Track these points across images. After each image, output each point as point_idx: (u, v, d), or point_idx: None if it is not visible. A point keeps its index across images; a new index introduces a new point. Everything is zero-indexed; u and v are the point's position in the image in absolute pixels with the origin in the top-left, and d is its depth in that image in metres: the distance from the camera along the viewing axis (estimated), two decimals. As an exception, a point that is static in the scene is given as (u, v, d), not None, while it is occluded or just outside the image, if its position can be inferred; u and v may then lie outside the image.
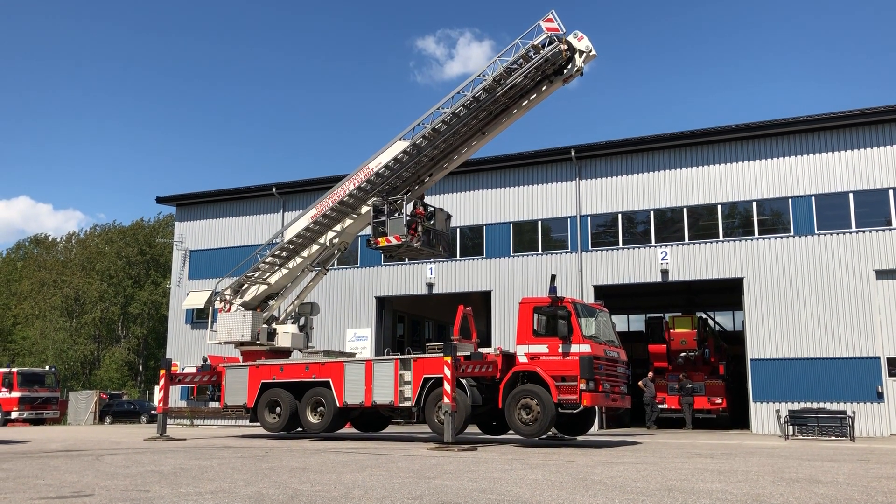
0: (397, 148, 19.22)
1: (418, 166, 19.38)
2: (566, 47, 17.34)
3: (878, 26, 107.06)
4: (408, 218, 18.71)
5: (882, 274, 24.71)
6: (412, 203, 19.14)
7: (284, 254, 21.04)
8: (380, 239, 18.86)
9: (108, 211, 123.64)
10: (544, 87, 18.18)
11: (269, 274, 21.23)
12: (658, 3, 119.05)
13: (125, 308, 66.37)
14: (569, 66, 17.62)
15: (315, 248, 20.88)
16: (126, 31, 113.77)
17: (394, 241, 18.68)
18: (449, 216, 20.85)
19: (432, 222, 19.64)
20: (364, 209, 20.07)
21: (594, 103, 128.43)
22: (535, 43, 17.42)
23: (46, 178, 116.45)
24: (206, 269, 34.57)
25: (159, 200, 37.81)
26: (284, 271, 21.15)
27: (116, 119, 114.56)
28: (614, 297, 30.18)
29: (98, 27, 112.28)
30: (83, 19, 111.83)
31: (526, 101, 18.44)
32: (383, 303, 32.48)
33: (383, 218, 18.89)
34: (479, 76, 18.14)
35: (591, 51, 17.47)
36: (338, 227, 20.64)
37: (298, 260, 21.06)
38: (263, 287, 21.21)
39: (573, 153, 29.01)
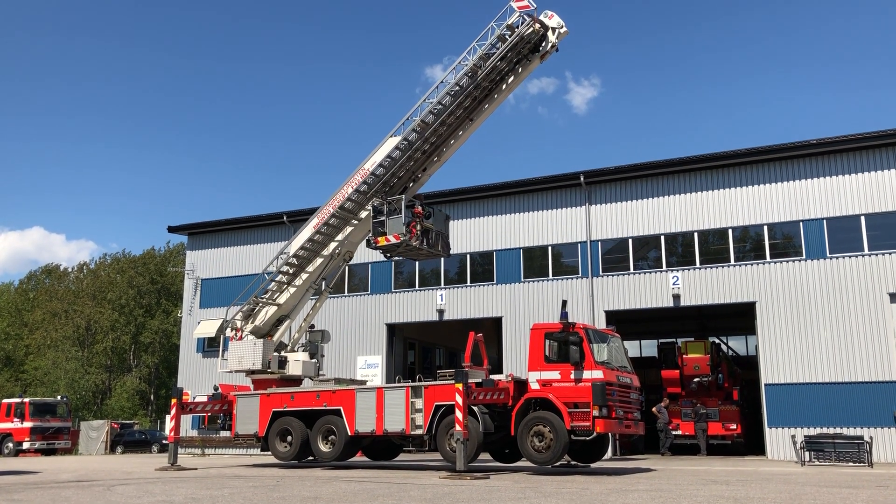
0: (390, 144, 19.63)
1: (412, 161, 19.70)
2: (539, 25, 17.92)
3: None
4: (406, 218, 18.94)
5: (896, 297, 24.50)
6: (411, 203, 19.36)
7: (291, 270, 21.15)
8: (379, 238, 19.17)
9: (121, 240, 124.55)
10: (521, 69, 18.72)
11: (278, 294, 21.31)
12: (664, 23, 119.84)
13: (136, 337, 66.49)
14: (543, 44, 18.19)
15: (319, 261, 21.03)
16: (139, 57, 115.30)
17: (393, 240, 18.96)
18: (447, 217, 21.13)
19: (431, 221, 19.79)
20: (364, 214, 20.30)
21: (602, 126, 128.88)
22: (509, 23, 17.98)
23: (59, 209, 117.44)
24: (218, 297, 34.63)
25: (171, 229, 38.06)
26: (292, 290, 21.24)
27: (129, 147, 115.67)
28: (626, 323, 30.04)
29: (110, 54, 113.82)
30: (94, 47, 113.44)
31: (505, 85, 18.94)
32: (394, 330, 32.43)
33: (383, 218, 19.17)
34: (459, 63, 18.65)
35: (562, 27, 18.06)
36: (340, 237, 20.83)
37: (304, 276, 21.17)
38: (273, 308, 21.25)
39: (582, 178, 29.06)
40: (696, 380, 29.15)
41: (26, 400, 37.45)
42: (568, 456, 17.09)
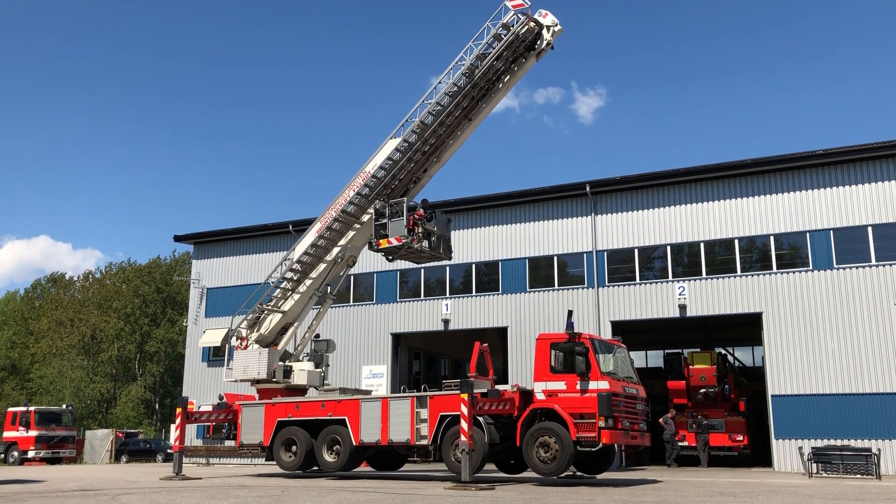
0: (390, 146, 19.85)
1: (412, 163, 19.88)
2: (533, 23, 18.22)
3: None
4: (408, 220, 19.10)
5: (904, 308, 24.36)
6: (413, 206, 19.48)
7: (295, 276, 21.19)
8: (381, 241, 19.31)
9: (126, 249, 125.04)
10: (517, 67, 18.93)
11: (282, 301, 21.35)
12: (670, 33, 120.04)
13: (142, 346, 66.54)
14: (538, 42, 18.46)
15: (323, 266, 21.10)
16: (146, 63, 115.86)
17: (395, 242, 19.08)
18: (449, 220, 21.26)
19: (433, 224, 19.90)
20: (366, 217, 20.44)
21: (608, 136, 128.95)
22: (504, 21, 18.28)
23: (66, 218, 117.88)
24: (223, 306, 34.66)
25: (177, 239, 38.15)
26: (297, 296, 21.28)
27: (135, 155, 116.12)
28: (632, 333, 29.99)
29: (117, 60, 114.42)
30: (101, 52, 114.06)
31: (502, 84, 19.15)
32: (399, 339, 32.39)
33: (385, 220, 19.31)
34: (456, 63, 18.88)
35: (556, 25, 18.36)
36: (343, 241, 20.93)
37: (308, 282, 21.22)
38: (278, 316, 21.26)
39: (588, 188, 29.04)
40: (702, 391, 29.04)
41: (31, 409, 37.56)
42: (573, 467, 17.02)
